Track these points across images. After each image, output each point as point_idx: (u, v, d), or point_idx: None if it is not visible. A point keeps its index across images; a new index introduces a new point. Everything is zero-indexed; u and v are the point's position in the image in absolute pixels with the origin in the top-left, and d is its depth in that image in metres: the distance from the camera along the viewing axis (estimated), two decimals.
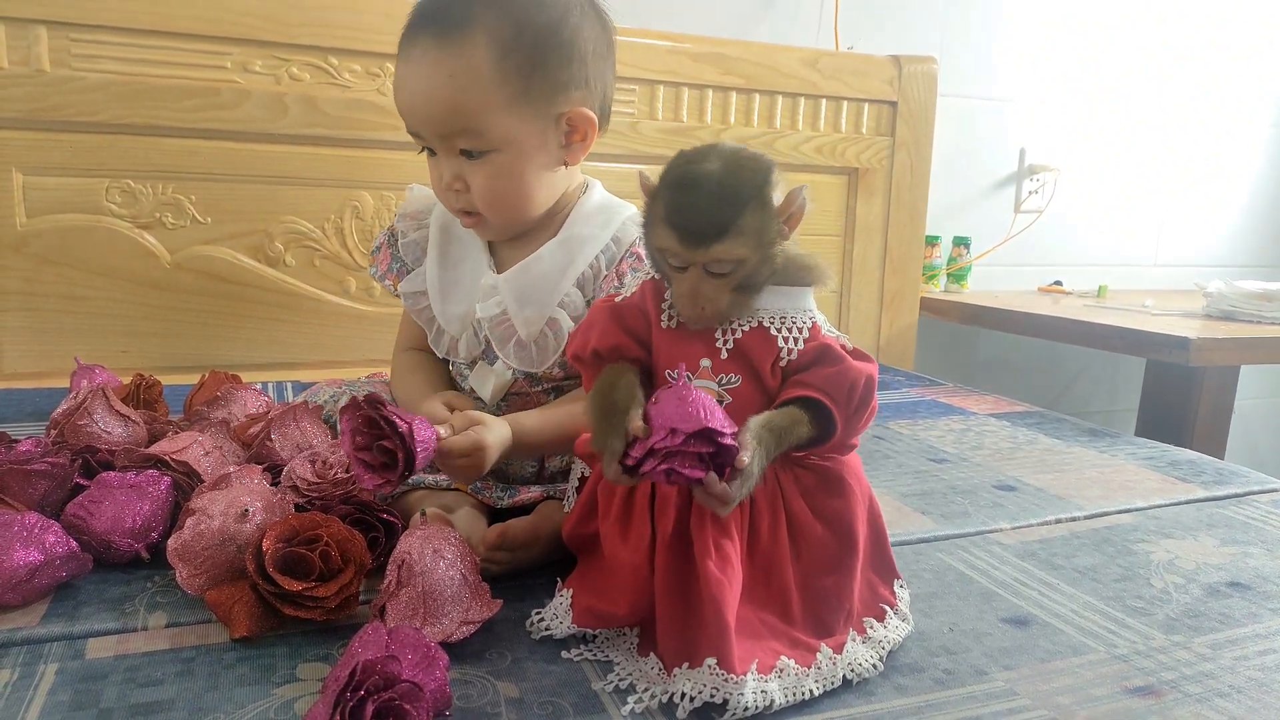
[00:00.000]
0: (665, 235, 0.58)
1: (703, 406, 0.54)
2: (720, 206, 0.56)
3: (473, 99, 0.77)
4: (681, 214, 0.57)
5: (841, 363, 0.59)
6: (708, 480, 0.53)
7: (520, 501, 0.78)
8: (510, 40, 0.77)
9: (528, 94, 0.78)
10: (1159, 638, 0.66)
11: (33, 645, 0.59)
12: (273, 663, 0.57)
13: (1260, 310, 1.56)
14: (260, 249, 1.32)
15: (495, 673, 0.57)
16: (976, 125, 1.94)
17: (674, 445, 0.52)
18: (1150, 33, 2.08)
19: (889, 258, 1.74)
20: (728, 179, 0.57)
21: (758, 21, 1.72)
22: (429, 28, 0.78)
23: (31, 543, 0.63)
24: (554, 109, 0.80)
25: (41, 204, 1.22)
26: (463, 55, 0.76)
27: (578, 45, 0.80)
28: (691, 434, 0.52)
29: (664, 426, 0.53)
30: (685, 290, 0.58)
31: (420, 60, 0.78)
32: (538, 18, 0.78)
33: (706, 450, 0.53)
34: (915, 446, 1.15)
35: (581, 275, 0.84)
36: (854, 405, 0.58)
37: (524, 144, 0.80)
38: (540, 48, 0.78)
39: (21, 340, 1.24)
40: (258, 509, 0.66)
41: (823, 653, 0.57)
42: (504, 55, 0.77)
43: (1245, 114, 2.24)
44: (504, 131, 0.78)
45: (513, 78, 0.77)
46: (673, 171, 0.59)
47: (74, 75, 1.20)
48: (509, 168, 0.80)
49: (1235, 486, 1.02)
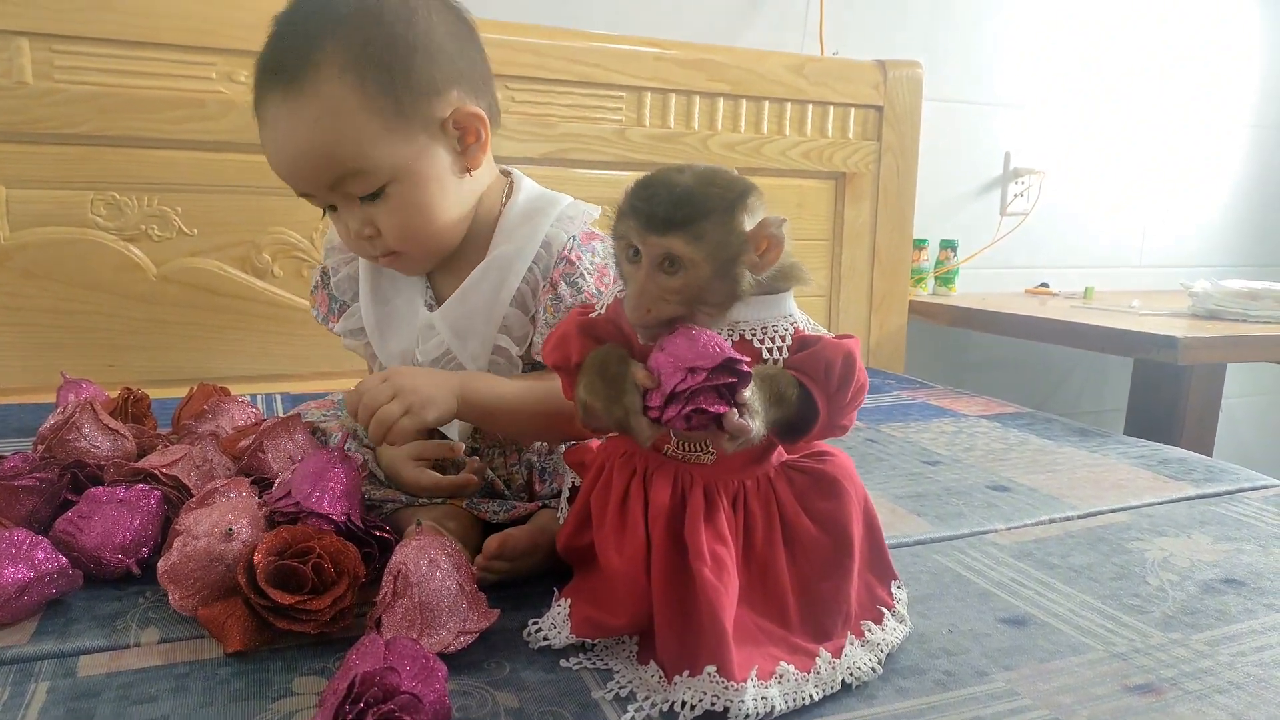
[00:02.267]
0: (623, 220, 0.57)
1: (714, 341, 0.54)
2: (682, 203, 0.55)
3: (347, 138, 0.71)
4: (643, 199, 0.56)
5: (817, 343, 0.58)
6: (727, 415, 0.53)
7: (516, 515, 0.77)
8: (361, 61, 0.70)
9: (400, 111, 0.72)
10: (1157, 635, 0.66)
11: (23, 664, 0.58)
12: (268, 677, 0.57)
13: (1246, 309, 1.57)
14: (247, 260, 1.32)
15: (494, 683, 0.57)
16: (961, 129, 1.96)
17: (696, 383, 0.52)
18: (1133, 37, 2.10)
19: (877, 261, 1.74)
20: (697, 187, 0.56)
21: (743, 28, 1.73)
22: (273, 81, 0.71)
23: (20, 559, 0.62)
24: (434, 116, 0.74)
25: (25, 217, 1.21)
26: (319, 96, 0.70)
27: (435, 42, 0.74)
28: (714, 368, 0.52)
29: (679, 368, 0.53)
30: (634, 288, 0.57)
31: (277, 119, 0.72)
32: (382, 28, 0.72)
33: (730, 381, 0.52)
34: (908, 449, 1.15)
35: (518, 293, 0.79)
36: (835, 383, 0.57)
37: (417, 166, 0.74)
38: (396, 57, 0.72)
39: (7, 355, 1.22)
40: (243, 526, 0.65)
41: (821, 657, 0.57)
42: (361, 79, 0.70)
43: (1226, 115, 2.26)
44: (392, 160, 0.73)
45: (379, 99, 0.71)
46: (646, 176, 0.59)
47: (57, 87, 1.19)
48: (411, 198, 0.75)
49: (1226, 484, 1.02)
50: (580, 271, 0.79)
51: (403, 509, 0.78)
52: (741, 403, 0.53)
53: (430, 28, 0.74)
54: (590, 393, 0.57)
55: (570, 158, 1.48)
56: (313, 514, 0.66)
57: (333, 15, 0.72)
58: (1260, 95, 2.29)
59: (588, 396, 0.58)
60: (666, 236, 0.55)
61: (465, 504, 0.77)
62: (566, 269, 0.78)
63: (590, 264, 0.80)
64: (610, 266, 0.79)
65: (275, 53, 0.72)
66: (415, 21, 0.73)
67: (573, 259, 0.79)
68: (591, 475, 0.63)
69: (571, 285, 0.78)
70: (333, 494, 0.67)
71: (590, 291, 0.78)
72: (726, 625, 0.54)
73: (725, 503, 0.59)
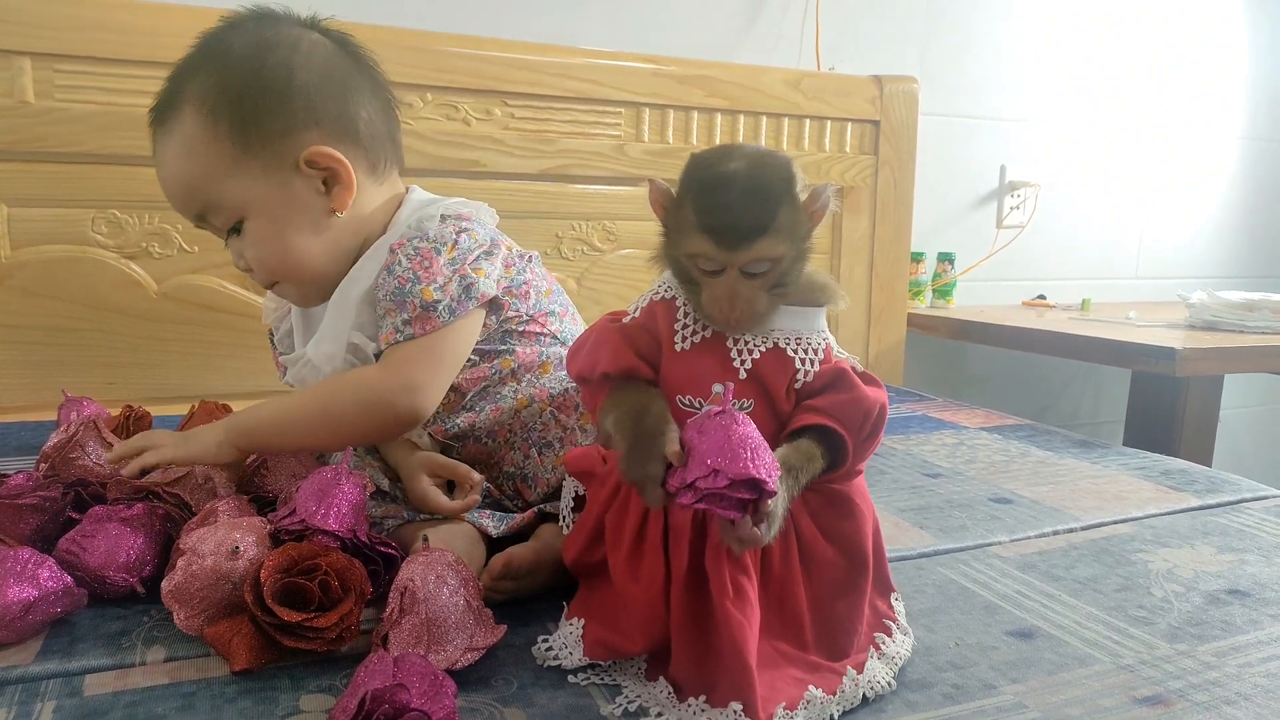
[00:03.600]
0: (698, 240, 0.55)
1: (749, 446, 0.51)
2: (755, 205, 0.54)
3: (196, 173, 0.76)
4: (716, 215, 0.54)
5: (855, 390, 0.58)
6: (740, 522, 0.52)
7: (516, 526, 0.77)
8: (214, 102, 0.75)
9: (248, 149, 0.75)
10: (1163, 647, 0.66)
11: (28, 683, 0.58)
12: (275, 695, 0.57)
13: (1243, 320, 1.58)
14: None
15: (502, 699, 0.57)
16: (957, 143, 1.97)
17: (716, 487, 0.51)
18: (1127, 51, 2.12)
19: (875, 275, 1.75)
20: (756, 176, 0.55)
21: (740, 44, 1.74)
22: (153, 119, 0.78)
23: (25, 578, 0.62)
24: (287, 156, 0.76)
25: (26, 235, 1.21)
26: (176, 133, 0.76)
27: (294, 83, 0.76)
28: (736, 480, 0.51)
29: (706, 463, 0.51)
30: (723, 294, 0.56)
31: (155, 153, 0.78)
32: (239, 70, 0.75)
33: (749, 497, 0.51)
34: (909, 461, 1.15)
35: (365, 293, 0.78)
36: (866, 433, 0.58)
37: (268, 204, 0.77)
38: (248, 99, 0.75)
39: (7, 373, 1.22)
40: (249, 544, 0.65)
41: (848, 676, 0.56)
42: (213, 119, 0.75)
43: (1219, 127, 2.28)
44: (241, 196, 0.76)
45: (226, 139, 0.75)
46: (696, 174, 0.56)
47: (58, 106, 1.20)
48: (264, 232, 0.78)
49: (1228, 494, 1.03)
50: (399, 259, 0.76)
51: (405, 525, 0.78)
52: (761, 513, 0.52)
53: (291, 71, 0.76)
54: (619, 432, 0.56)
55: (569, 174, 1.48)
56: (319, 531, 0.65)
57: (204, 58, 0.77)
58: (1253, 107, 2.31)
59: (615, 434, 0.56)
60: (754, 246, 0.54)
61: (467, 517, 0.77)
62: (389, 259, 0.77)
63: (413, 249, 0.77)
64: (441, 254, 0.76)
65: (159, 92, 0.78)
66: (276, 64, 0.76)
67: (394, 248, 0.77)
68: (607, 493, 0.62)
69: (390, 274, 0.76)
70: (338, 511, 0.67)
71: (404, 276, 0.75)
72: (751, 661, 0.53)
73: None
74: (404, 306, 0.75)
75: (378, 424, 0.77)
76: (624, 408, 0.57)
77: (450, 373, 0.78)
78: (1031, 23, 2.00)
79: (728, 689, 0.53)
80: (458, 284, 0.76)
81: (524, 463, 0.83)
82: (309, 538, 0.65)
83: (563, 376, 0.83)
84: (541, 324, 0.84)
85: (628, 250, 1.54)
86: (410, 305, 0.75)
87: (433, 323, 0.75)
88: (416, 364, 0.75)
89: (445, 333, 0.76)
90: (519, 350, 0.82)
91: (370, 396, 0.75)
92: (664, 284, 0.62)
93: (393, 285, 0.76)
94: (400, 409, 0.75)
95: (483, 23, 1.48)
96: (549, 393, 0.82)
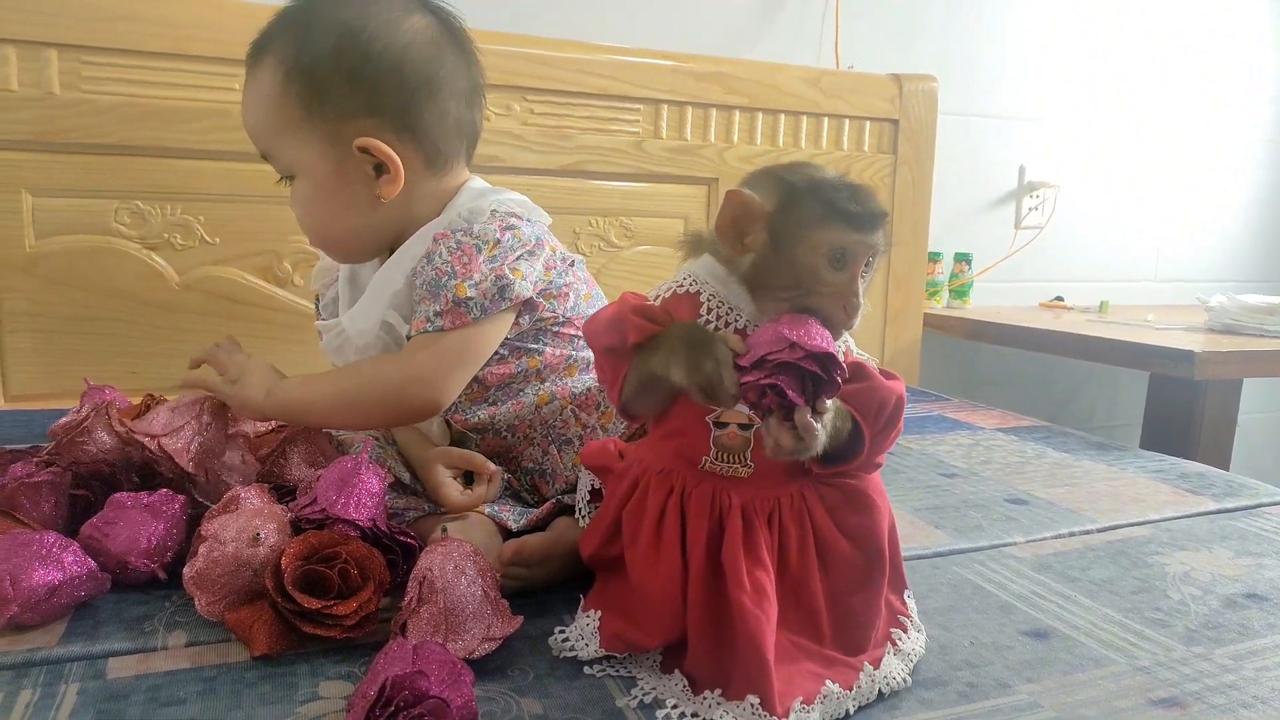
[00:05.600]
0: (837, 231, 0.55)
1: (825, 336, 0.52)
2: (872, 194, 0.57)
3: (262, 121, 0.79)
4: (853, 202, 0.55)
5: (871, 379, 0.59)
6: (801, 408, 0.51)
7: (534, 520, 0.77)
8: (290, 67, 0.76)
9: (311, 120, 0.77)
10: (1180, 649, 0.66)
11: (53, 665, 0.58)
12: (295, 681, 0.57)
13: (1263, 324, 1.56)
14: (268, 269, 1.33)
15: (518, 689, 0.57)
16: (976, 143, 1.96)
17: (789, 358, 0.50)
18: (1147, 51, 2.10)
19: (892, 274, 1.75)
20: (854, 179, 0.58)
21: (759, 41, 1.74)
22: (247, 54, 0.80)
23: (51, 562, 0.63)
24: (343, 136, 0.77)
25: (50, 225, 1.22)
26: (255, 79, 0.78)
27: (366, 71, 0.76)
28: (812, 353, 0.51)
29: (781, 336, 0.51)
30: (852, 286, 0.56)
31: (242, 89, 0.81)
32: (321, 44, 0.76)
33: (818, 374, 0.51)
34: (925, 461, 1.15)
35: (409, 274, 0.79)
36: (882, 422, 0.58)
37: (318, 173, 0.79)
38: (320, 74, 0.76)
39: (30, 361, 1.24)
40: (270, 531, 0.66)
41: (865, 671, 0.57)
42: (287, 81, 0.76)
43: (1242, 129, 2.26)
44: (295, 157, 0.79)
45: (294, 103, 0.77)
46: (802, 177, 0.57)
47: (84, 98, 1.21)
48: (310, 196, 0.80)
49: (1246, 499, 1.02)
50: (440, 250, 0.77)
51: (425, 517, 0.79)
52: (821, 409, 0.52)
53: (367, 58, 0.76)
54: (669, 360, 0.55)
55: (587, 170, 1.49)
56: (339, 520, 0.66)
57: (299, 16, 0.79)
58: (1276, 110, 2.28)
59: (663, 366, 0.55)
60: (880, 230, 0.57)
61: (486, 511, 0.77)
62: (431, 248, 0.78)
63: (455, 243, 0.77)
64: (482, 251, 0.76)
65: (261, 29, 0.80)
66: (356, 48, 0.76)
67: (437, 238, 0.77)
68: (624, 488, 0.63)
69: (429, 263, 0.77)
70: (359, 500, 0.68)
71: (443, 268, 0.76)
72: (768, 655, 0.53)
73: (762, 523, 0.58)
74: (438, 298, 0.76)
75: (394, 412, 0.78)
76: (665, 339, 0.56)
77: (471, 369, 0.79)
78: (1052, 22, 1.99)
79: (744, 682, 0.53)
80: (493, 283, 0.76)
81: (543, 459, 0.83)
82: (329, 526, 0.66)
83: (587, 378, 0.84)
84: (576, 327, 0.84)
85: (644, 246, 1.54)
86: (444, 298, 0.75)
87: (462, 318, 0.75)
88: (438, 359, 0.76)
89: (473, 330, 0.76)
90: (548, 350, 0.82)
91: (388, 387, 0.76)
92: (688, 278, 0.61)
93: (430, 275, 0.77)
94: (416, 401, 0.76)
95: (502, 19, 1.49)
96: (570, 391, 0.83)
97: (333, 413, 0.78)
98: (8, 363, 1.23)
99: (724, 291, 0.59)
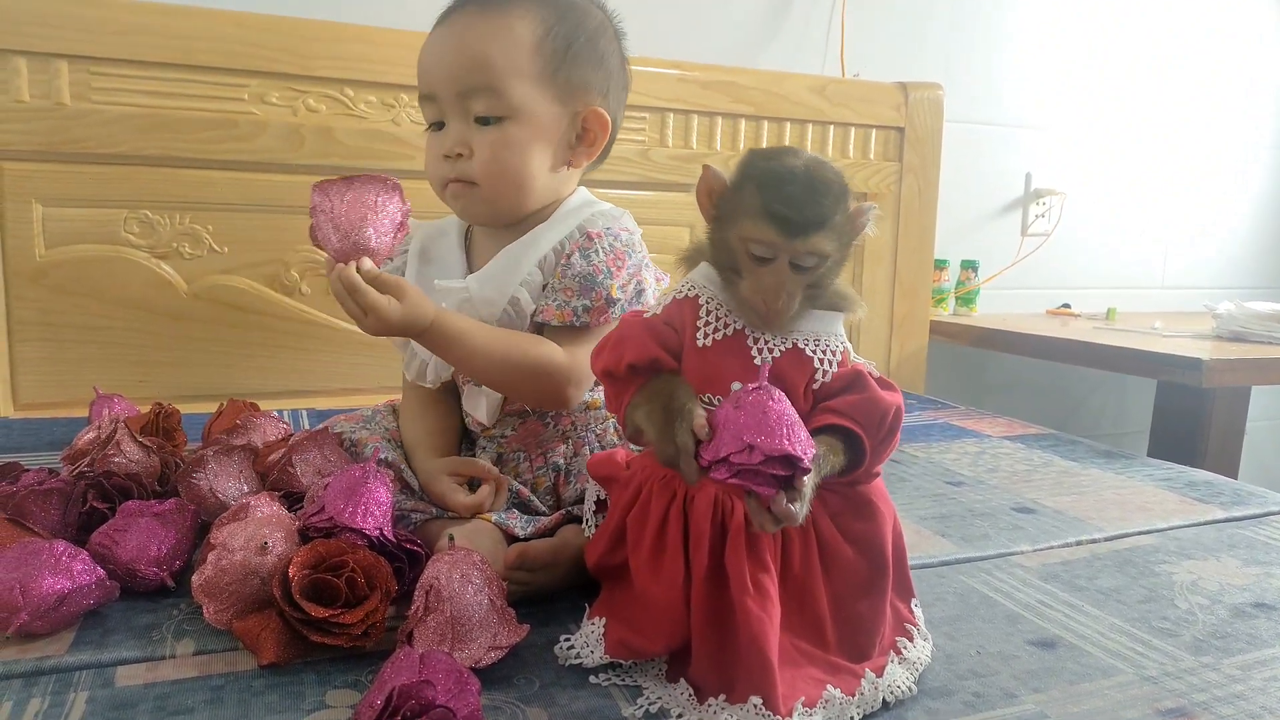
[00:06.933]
0: (759, 226, 0.57)
1: (785, 422, 0.52)
2: (817, 199, 0.57)
3: (504, 58, 0.80)
4: (782, 204, 0.56)
5: (871, 390, 0.59)
6: (776, 498, 0.52)
7: (542, 529, 0.78)
8: (553, 24, 0.82)
9: (555, 77, 0.82)
10: (1187, 659, 0.65)
11: (62, 674, 0.59)
12: (301, 689, 0.57)
13: (1271, 331, 1.56)
14: (276, 278, 1.33)
15: (524, 698, 0.57)
16: (982, 150, 1.96)
17: (751, 463, 0.51)
18: (1154, 59, 2.10)
19: (898, 281, 1.75)
20: (818, 174, 0.58)
21: (764, 50, 1.74)
22: (473, 4, 0.82)
23: (60, 570, 0.63)
24: (574, 102, 0.83)
25: (60, 235, 1.23)
26: (505, 21, 0.81)
27: (607, 59, 0.86)
28: (772, 457, 0.51)
29: (741, 439, 0.52)
30: (770, 284, 0.57)
31: (457, 24, 0.82)
32: (579, 18, 0.84)
33: (783, 474, 0.52)
34: (931, 469, 1.15)
35: (543, 258, 0.83)
36: (882, 434, 0.59)
37: (538, 121, 0.82)
38: (577, 41, 0.83)
39: (40, 370, 1.24)
40: (278, 539, 0.66)
41: (867, 678, 0.57)
42: (545, 34, 0.81)
43: (1248, 136, 2.25)
44: (523, 100, 0.81)
45: (546, 55, 0.81)
46: (760, 164, 0.59)
47: (94, 108, 1.22)
48: (518, 139, 0.81)
49: (1254, 507, 1.02)
50: (596, 248, 0.81)
51: (431, 521, 0.79)
52: (796, 490, 0.53)
53: (609, 49, 0.87)
54: (648, 421, 0.58)
55: (593, 178, 1.45)
56: (347, 529, 0.66)
57: None
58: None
59: (644, 424, 0.58)
60: (811, 238, 0.57)
61: (494, 519, 0.78)
62: (584, 243, 0.82)
63: (609, 245, 0.82)
64: (631, 257, 0.82)
65: None
66: (602, 37, 0.86)
67: (593, 235, 0.82)
68: (628, 496, 0.63)
69: (585, 258, 0.81)
70: (366, 509, 0.68)
71: (599, 266, 0.80)
72: (771, 656, 0.53)
73: None
74: (589, 294, 0.80)
75: (543, 393, 0.81)
76: (650, 397, 0.59)
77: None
78: (1059, 29, 1.99)
79: (746, 684, 0.53)
80: (634, 287, 0.82)
81: (572, 458, 0.85)
82: (337, 535, 0.66)
83: None
84: None
85: (651, 255, 1.54)
86: (596, 295, 0.80)
87: (607, 316, 0.80)
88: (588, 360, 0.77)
89: (607, 329, 0.78)
90: None
91: (551, 372, 0.79)
92: (688, 284, 0.63)
93: (585, 269, 0.80)
94: (567, 393, 0.80)
95: None
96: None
97: (488, 362, 0.78)
98: (18, 371, 1.24)
99: (721, 295, 0.61)
